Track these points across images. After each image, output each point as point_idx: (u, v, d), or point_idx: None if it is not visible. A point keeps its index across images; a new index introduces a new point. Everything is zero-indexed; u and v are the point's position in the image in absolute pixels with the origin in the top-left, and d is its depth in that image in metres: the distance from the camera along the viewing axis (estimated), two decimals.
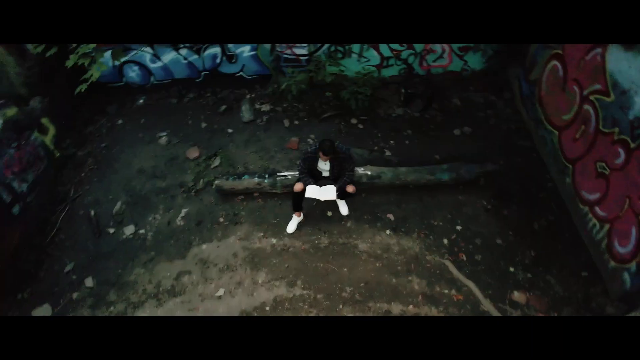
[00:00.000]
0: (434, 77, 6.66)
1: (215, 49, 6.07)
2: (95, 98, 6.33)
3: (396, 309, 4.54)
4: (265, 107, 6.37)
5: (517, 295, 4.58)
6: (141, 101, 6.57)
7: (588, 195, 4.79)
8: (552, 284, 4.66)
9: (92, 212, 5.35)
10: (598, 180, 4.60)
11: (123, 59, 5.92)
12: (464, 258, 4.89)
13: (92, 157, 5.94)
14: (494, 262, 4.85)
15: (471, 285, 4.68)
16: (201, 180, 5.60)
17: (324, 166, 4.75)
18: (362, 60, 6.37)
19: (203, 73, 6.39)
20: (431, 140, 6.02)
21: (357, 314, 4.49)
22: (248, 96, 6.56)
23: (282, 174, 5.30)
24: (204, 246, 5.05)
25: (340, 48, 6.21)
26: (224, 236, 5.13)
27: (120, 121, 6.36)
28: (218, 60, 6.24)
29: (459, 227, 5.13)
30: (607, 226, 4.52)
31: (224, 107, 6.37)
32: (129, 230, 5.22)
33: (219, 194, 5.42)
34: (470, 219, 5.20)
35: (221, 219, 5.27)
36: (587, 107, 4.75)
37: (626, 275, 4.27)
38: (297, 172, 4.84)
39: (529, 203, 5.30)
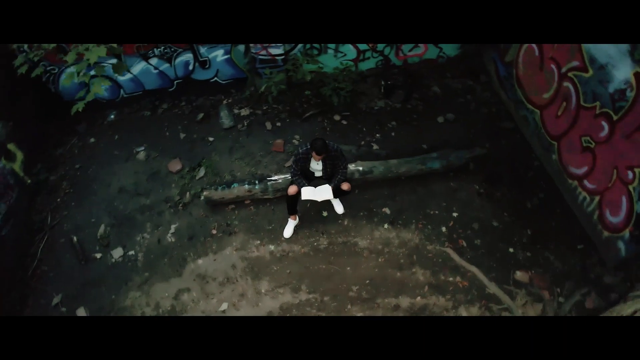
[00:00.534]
0: (411, 66, 6.77)
1: (188, 55, 5.93)
2: (62, 118, 6.06)
3: (404, 302, 4.60)
4: (245, 112, 6.29)
5: (520, 275, 4.74)
6: (112, 117, 6.34)
7: (575, 169, 5.00)
8: (551, 260, 4.85)
9: (75, 239, 5.13)
10: (584, 154, 4.81)
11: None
12: (464, 244, 5.00)
13: (66, 180, 5.69)
14: (493, 244, 4.99)
15: (474, 270, 4.80)
16: (187, 193, 5.48)
17: (316, 166, 4.74)
18: (338, 55, 6.39)
19: (176, 82, 6.23)
20: (416, 130, 6.12)
21: (367, 312, 4.53)
22: (225, 102, 6.46)
23: (273, 178, 5.26)
24: (200, 261, 4.95)
25: (316, 45, 6.20)
26: (220, 248, 5.04)
27: (92, 140, 6.12)
28: (191, 67, 6.10)
29: (455, 214, 5.25)
30: (597, 198, 4.73)
31: (201, 115, 6.24)
32: (117, 253, 5.04)
33: (209, 205, 5.32)
34: (465, 205, 5.32)
35: (214, 231, 5.18)
36: (566, 84, 4.95)
37: (621, 244, 4.49)
38: (290, 175, 4.81)
39: (518, 183, 5.49)
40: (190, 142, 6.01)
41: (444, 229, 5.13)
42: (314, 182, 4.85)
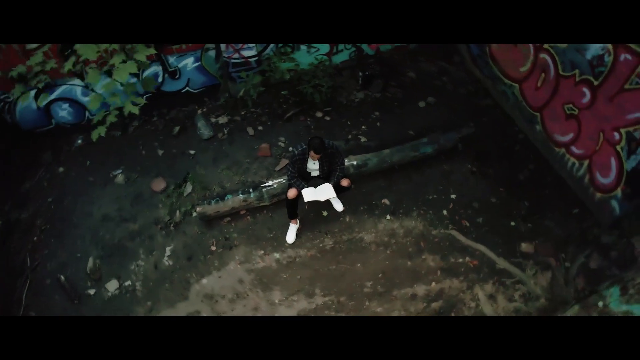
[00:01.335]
0: (384, 54, 6.91)
1: (156, 67, 5.76)
2: (23, 149, 5.73)
3: (420, 290, 4.73)
4: (223, 119, 6.19)
5: (525, 247, 4.99)
6: (79, 141, 6.05)
7: (561, 137, 5.30)
8: (551, 227, 5.13)
9: (62, 278, 4.88)
10: (568, 121, 5.12)
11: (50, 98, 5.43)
12: (467, 224, 5.20)
13: (40, 216, 5.38)
14: (495, 220, 5.22)
15: (482, 248, 5.00)
16: (177, 212, 5.33)
17: (313, 166, 4.76)
18: (312, 51, 6.42)
19: (145, 96, 6.02)
20: (400, 117, 6.26)
21: (385, 306, 4.62)
22: (200, 111, 6.33)
23: (267, 184, 5.22)
24: (204, 281, 4.85)
25: (287, 43, 6.19)
26: (223, 264, 4.96)
27: (61, 169, 5.81)
28: (160, 79, 5.93)
29: (453, 196, 5.43)
30: (586, 162, 5.05)
31: (177, 128, 6.09)
32: (113, 285, 4.85)
33: (203, 221, 5.21)
34: (461, 185, 5.52)
35: (213, 247, 5.08)
36: (543, 55, 5.24)
37: (614, 203, 4.83)
38: (287, 178, 4.80)
39: (507, 158, 5.75)
40: (170, 158, 5.84)
41: (445, 212, 5.30)
42: (311, 182, 4.86)
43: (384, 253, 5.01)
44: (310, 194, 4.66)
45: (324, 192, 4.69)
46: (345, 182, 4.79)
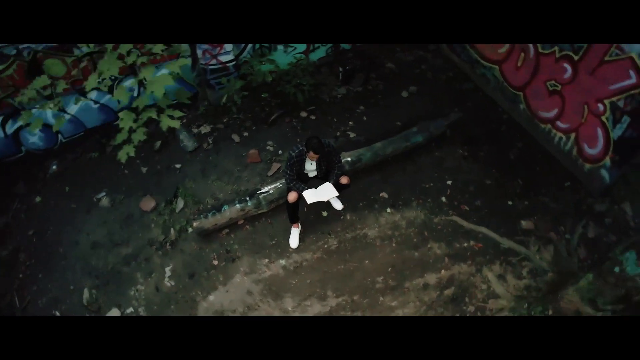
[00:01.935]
0: (361, 47, 6.99)
1: (130, 81, 5.60)
2: None
3: (431, 279, 4.83)
4: (206, 129, 6.10)
5: (525, 224, 5.19)
6: (54, 167, 5.81)
7: (546, 114, 5.55)
8: (546, 203, 5.36)
9: (57, 313, 4.68)
10: (552, 97, 5.36)
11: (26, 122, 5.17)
12: (467, 208, 5.35)
13: (23, 252, 5.14)
14: (493, 201, 5.40)
15: (484, 230, 5.16)
16: (172, 230, 5.22)
17: (310, 166, 4.78)
18: (289, 50, 6.42)
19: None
20: (385, 109, 6.37)
21: (400, 299, 4.69)
22: (180, 123, 6.20)
23: (264, 190, 5.19)
24: (211, 297, 4.77)
25: (265, 44, 6.17)
26: (228, 278, 4.90)
27: (38, 199, 5.56)
28: (135, 94, 5.77)
29: (449, 182, 5.58)
30: (572, 135, 5.31)
31: (158, 143, 5.95)
32: (114, 314, 4.69)
33: (201, 236, 5.12)
34: (455, 171, 5.68)
35: (215, 262, 5.01)
36: None
37: (604, 172, 5.10)
38: (286, 182, 4.79)
39: (496, 139, 5.96)
40: (155, 175, 5.71)
41: (443, 198, 5.44)
42: (310, 183, 4.87)
43: (389, 246, 5.09)
44: (312, 196, 4.66)
45: (326, 192, 4.71)
46: (344, 180, 4.83)
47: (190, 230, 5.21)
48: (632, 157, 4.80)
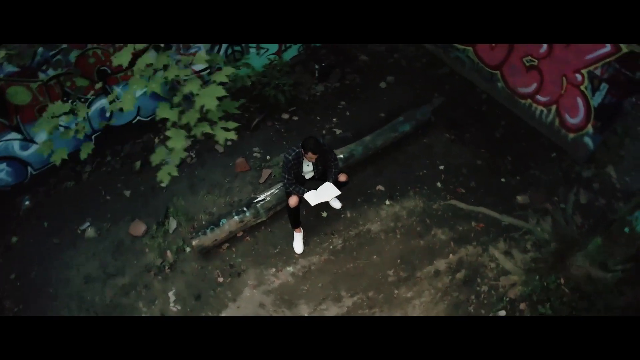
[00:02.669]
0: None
1: (103, 101, 5.40)
2: None
3: (441, 265, 4.98)
4: (187, 142, 5.96)
5: (521, 199, 5.43)
6: (27, 203, 5.51)
7: (525, 89, 5.83)
8: (537, 176, 5.64)
9: None
10: (530, 73, 5.63)
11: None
12: (463, 190, 5.54)
13: (7, 299, 4.85)
14: (486, 181, 5.62)
15: (483, 209, 5.36)
16: (168, 252, 5.09)
17: (307, 168, 4.79)
18: (261, 52, 6.39)
19: (94, 136, 5.64)
20: (366, 102, 6.47)
21: (415, 289, 4.81)
22: (157, 139, 6.05)
23: (260, 198, 5.16)
24: (222, 315, 4.70)
25: (237, 48, 6.11)
26: (236, 293, 4.84)
27: (14, 239, 5.26)
28: (108, 114, 5.57)
29: (441, 167, 5.75)
30: (553, 107, 5.61)
31: (138, 163, 5.77)
32: None
33: (200, 254, 5.02)
34: (445, 155, 5.86)
35: (220, 279, 4.94)
36: None
37: (587, 139, 5.43)
38: (285, 187, 4.78)
39: (479, 119, 6.20)
40: (141, 197, 5.54)
41: (439, 184, 5.60)
42: (306, 185, 4.88)
43: (394, 238, 5.19)
44: (314, 198, 4.68)
45: (327, 192, 4.73)
46: (343, 177, 4.88)
47: (188, 250, 5.10)
48: (613, 123, 5.13)
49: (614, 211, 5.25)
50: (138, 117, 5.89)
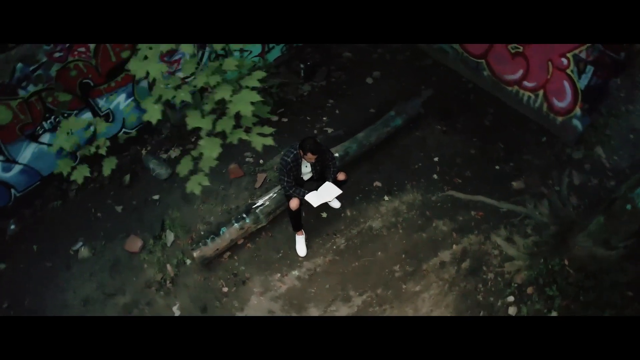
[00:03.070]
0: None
1: (86, 115, 5.25)
2: None
3: (446, 257, 5.06)
4: (175, 152, 5.88)
5: (516, 184, 5.56)
6: (13, 227, 5.31)
7: (511, 76, 5.96)
8: (530, 161, 5.78)
9: None
10: (516, 59, 5.76)
11: None
12: (459, 180, 5.63)
13: None
14: (481, 169, 5.72)
15: (481, 198, 5.46)
16: (168, 266, 5.01)
17: (305, 169, 4.79)
18: (245, 55, 6.33)
19: (79, 152, 5.47)
20: (354, 98, 6.49)
21: (422, 282, 4.87)
22: (144, 151, 5.93)
23: (259, 203, 5.11)
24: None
25: (220, 52, 6.04)
26: (243, 302, 4.80)
27: (2, 265, 5.07)
28: (93, 128, 5.41)
29: (436, 159, 5.83)
30: (541, 92, 5.76)
31: (127, 177, 5.64)
32: None
33: (202, 265, 4.95)
34: (439, 147, 5.94)
35: (225, 289, 4.88)
36: None
37: (576, 122, 5.59)
38: (284, 190, 4.76)
39: (468, 109, 6.30)
40: (133, 212, 5.42)
41: (435, 176, 5.68)
42: (305, 186, 4.88)
43: (397, 233, 5.24)
44: (316, 198, 4.68)
45: (328, 192, 4.74)
46: (342, 176, 4.89)
47: (189, 262, 5.03)
48: (601, 104, 5.31)
49: (607, 190, 5.45)
50: (123, 130, 5.76)
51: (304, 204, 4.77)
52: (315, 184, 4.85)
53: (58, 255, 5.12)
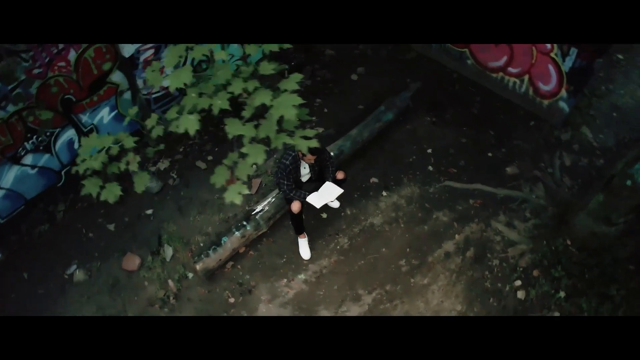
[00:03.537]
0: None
1: (69, 133, 5.09)
2: None
3: (450, 247, 5.13)
4: (164, 164, 5.76)
5: (510, 170, 5.69)
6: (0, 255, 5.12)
7: (496, 63, 6.09)
8: (521, 146, 5.92)
9: None
10: (499, 47, 5.89)
11: None
12: (454, 170, 5.72)
13: None
14: (474, 157, 5.83)
15: (477, 186, 5.57)
16: (170, 282, 4.91)
17: (304, 171, 4.79)
18: (227, 58, 6.25)
19: (63, 172, 5.31)
20: (341, 96, 6.51)
21: (430, 275, 4.92)
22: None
23: (258, 209, 5.07)
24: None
25: (203, 58, 5.95)
26: (252, 311, 4.76)
27: None
28: (77, 145, 5.26)
29: (429, 150, 5.90)
30: (526, 77, 5.90)
31: None
32: None
33: (205, 277, 4.88)
34: (431, 138, 6.02)
35: (231, 300, 4.82)
36: None
37: (562, 104, 5.76)
38: (285, 193, 4.73)
39: (455, 99, 6.41)
40: (127, 229, 5.29)
41: (430, 167, 5.75)
42: (305, 187, 4.86)
43: (399, 228, 5.28)
44: (318, 199, 4.67)
45: (329, 192, 4.73)
46: (340, 175, 4.90)
47: (191, 275, 4.95)
48: (586, 85, 5.48)
49: (597, 168, 5.64)
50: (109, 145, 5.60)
51: (305, 206, 4.76)
52: (313, 184, 4.85)
53: (51, 281, 4.96)
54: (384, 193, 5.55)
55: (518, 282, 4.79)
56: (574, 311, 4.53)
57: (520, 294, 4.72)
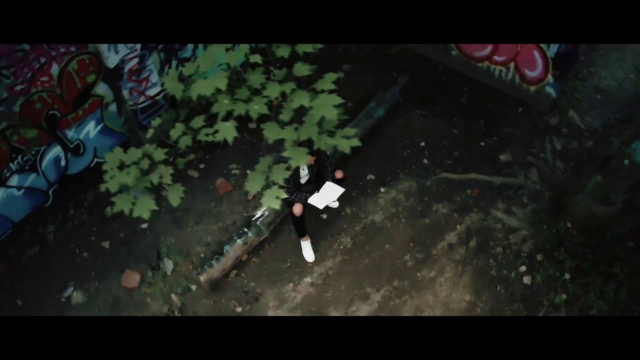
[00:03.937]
0: None
1: (55, 150, 4.93)
2: None
3: (452, 238, 5.20)
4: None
5: (504, 157, 5.80)
6: None
7: (481, 52, 6.19)
8: (512, 133, 6.04)
9: None
10: None
11: None
12: (449, 162, 5.80)
13: None
14: (467, 148, 5.92)
15: (473, 176, 5.65)
16: (173, 296, 4.82)
17: (303, 172, 4.78)
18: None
19: (51, 191, 5.15)
20: None
21: (436, 268, 4.98)
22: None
23: (258, 215, 5.03)
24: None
25: (187, 63, 5.86)
26: None
27: None
28: (63, 163, 5.11)
29: (422, 144, 5.96)
30: (512, 65, 6.02)
31: (108, 209, 5.36)
32: None
33: (209, 288, 4.81)
34: (423, 131, 6.08)
35: (238, 309, 4.78)
36: None
37: (549, 89, 5.90)
38: (285, 196, 4.69)
39: (443, 90, 6.49)
40: (122, 245, 5.17)
41: (425, 160, 5.81)
42: (304, 189, 4.85)
43: (400, 223, 5.32)
44: (320, 200, 4.66)
45: (330, 192, 4.73)
46: (339, 174, 4.90)
47: (194, 288, 4.87)
48: (571, 69, 5.63)
49: (587, 150, 5.81)
50: (96, 160, 5.46)
51: (306, 208, 4.74)
52: (312, 185, 4.84)
53: (47, 305, 4.80)
54: (382, 189, 5.57)
55: (523, 268, 4.89)
56: (580, 292, 4.66)
57: (527, 279, 4.81)
